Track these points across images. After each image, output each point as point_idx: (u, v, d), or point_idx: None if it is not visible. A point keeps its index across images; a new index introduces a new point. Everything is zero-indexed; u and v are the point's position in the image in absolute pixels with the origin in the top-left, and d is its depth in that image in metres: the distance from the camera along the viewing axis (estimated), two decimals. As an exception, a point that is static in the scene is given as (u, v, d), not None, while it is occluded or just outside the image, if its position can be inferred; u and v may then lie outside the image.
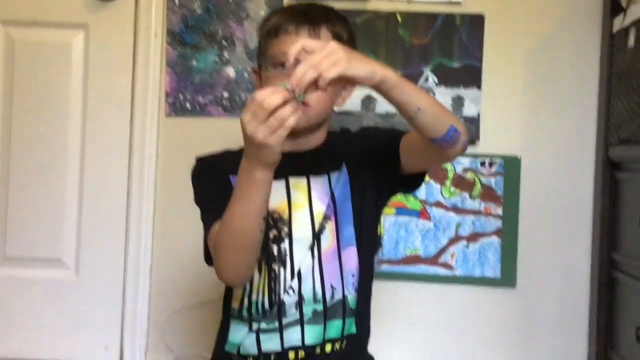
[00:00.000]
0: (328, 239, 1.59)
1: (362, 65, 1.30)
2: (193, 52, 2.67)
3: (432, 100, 1.43)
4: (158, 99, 2.69)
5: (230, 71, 2.66)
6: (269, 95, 1.28)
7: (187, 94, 2.67)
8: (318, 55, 1.28)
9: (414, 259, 2.59)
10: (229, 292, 1.67)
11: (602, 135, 2.50)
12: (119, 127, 2.70)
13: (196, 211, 2.64)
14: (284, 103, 1.28)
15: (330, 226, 1.59)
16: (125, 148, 2.70)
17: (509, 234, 2.57)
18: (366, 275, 1.64)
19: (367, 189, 1.63)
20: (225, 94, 2.66)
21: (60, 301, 2.71)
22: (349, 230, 1.61)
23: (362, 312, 1.64)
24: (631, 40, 2.28)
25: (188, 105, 2.68)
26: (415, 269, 2.60)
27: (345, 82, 1.36)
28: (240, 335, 1.61)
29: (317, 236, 1.58)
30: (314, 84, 1.29)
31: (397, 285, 2.61)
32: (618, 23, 2.38)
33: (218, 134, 2.63)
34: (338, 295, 1.58)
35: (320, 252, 1.58)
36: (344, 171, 1.62)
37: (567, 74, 2.60)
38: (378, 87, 1.34)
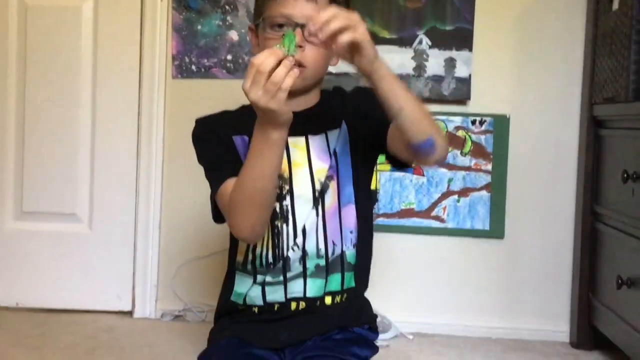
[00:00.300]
0: (331, 198, 1.61)
1: (372, 45, 1.33)
2: (197, 16, 2.71)
3: (419, 106, 1.43)
4: (165, 62, 2.74)
5: (233, 35, 2.71)
6: (264, 59, 1.28)
7: (193, 57, 2.72)
8: (343, 14, 1.31)
9: (409, 213, 2.67)
10: (233, 246, 1.69)
11: (587, 94, 2.54)
12: (127, 89, 2.75)
13: (202, 169, 2.73)
14: (279, 64, 1.28)
15: (333, 185, 1.61)
16: (134, 109, 2.74)
17: (497, 189, 2.64)
18: (364, 232, 1.67)
19: (362, 147, 1.65)
20: (229, 57, 2.71)
21: (75, 253, 2.78)
22: (349, 189, 1.63)
23: (361, 267, 1.66)
24: (615, 3, 2.32)
25: (193, 68, 2.73)
26: (410, 222, 2.67)
27: (347, 52, 1.34)
28: (245, 287, 1.64)
29: (321, 194, 1.60)
30: (322, 43, 1.31)
31: (393, 237, 2.67)
32: None
33: (222, 95, 2.67)
34: (337, 251, 1.61)
35: (324, 210, 1.60)
36: (344, 129, 1.64)
37: (554, 36, 2.64)
38: (371, 74, 1.36)
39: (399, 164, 1.63)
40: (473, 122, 2.65)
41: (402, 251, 2.70)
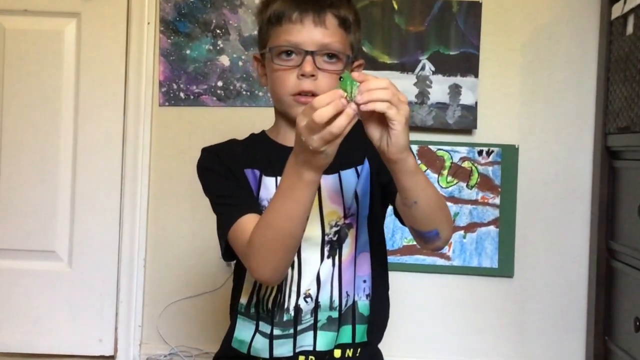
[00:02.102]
0: (348, 247, 1.57)
1: (407, 133, 1.27)
2: (187, 40, 2.69)
3: (434, 199, 1.40)
4: (152, 89, 2.72)
5: (224, 60, 2.69)
6: (323, 108, 1.22)
7: (181, 83, 2.69)
8: (393, 89, 1.24)
9: (411, 249, 2.63)
10: (237, 286, 1.64)
11: (600, 124, 2.52)
12: (112, 118, 2.72)
13: (191, 203, 2.71)
14: (338, 114, 1.22)
15: (352, 234, 1.57)
16: (118, 138, 2.72)
17: (506, 224, 2.61)
18: (379, 281, 1.62)
19: (380, 190, 1.59)
20: (220, 83, 2.69)
21: (54, 293, 2.74)
22: (365, 236, 1.60)
23: (376, 321, 1.62)
24: (630, 27, 2.31)
25: (182, 95, 2.70)
26: (413, 259, 2.64)
27: (375, 127, 1.28)
28: (246, 333, 1.60)
29: (339, 244, 1.56)
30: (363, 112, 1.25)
31: (394, 276, 2.50)
32: (617, 10, 2.40)
33: (212, 123, 2.68)
34: (350, 302, 1.57)
35: (341, 260, 1.56)
36: (366, 167, 1.60)
37: (565, 61, 2.63)
38: (395, 163, 1.30)
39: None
40: (480, 153, 2.62)
41: (405, 290, 2.66)
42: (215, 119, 2.68)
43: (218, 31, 2.68)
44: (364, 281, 1.59)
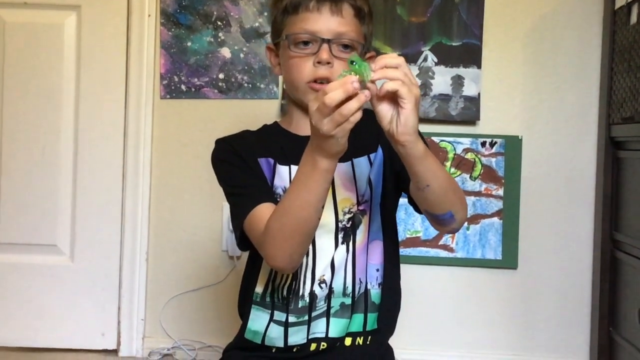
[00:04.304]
0: (362, 233, 1.59)
1: (416, 116, 1.29)
2: (187, 32, 2.69)
3: (446, 182, 1.42)
4: (153, 81, 2.72)
5: (225, 52, 2.69)
6: (333, 91, 1.24)
7: (182, 76, 2.70)
8: (406, 68, 1.27)
9: (415, 242, 2.64)
10: (252, 276, 1.65)
11: (604, 114, 2.53)
12: (113, 110, 2.73)
13: (193, 195, 2.73)
14: (348, 98, 1.25)
15: (365, 220, 1.59)
16: (119, 131, 2.73)
17: (510, 215, 2.62)
18: (391, 271, 1.64)
19: (394, 178, 1.62)
20: (221, 76, 2.69)
21: (56, 287, 2.75)
22: (377, 223, 1.62)
23: (386, 309, 1.63)
24: (634, 17, 2.31)
25: (183, 87, 2.71)
26: (416, 252, 2.65)
27: (385, 106, 1.30)
28: (260, 324, 1.62)
29: (353, 230, 1.58)
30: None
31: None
32: (620, 0, 2.41)
33: (214, 116, 2.69)
34: (362, 289, 1.59)
35: (355, 246, 1.58)
36: (380, 155, 1.62)
37: (568, 51, 2.63)
38: (405, 147, 1.31)
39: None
40: (483, 144, 2.63)
41: (408, 283, 2.57)
42: (216, 111, 2.69)
43: (219, 23, 2.69)
44: (377, 270, 1.61)
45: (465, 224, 2.61)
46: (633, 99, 2.27)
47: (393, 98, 1.28)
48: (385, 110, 1.30)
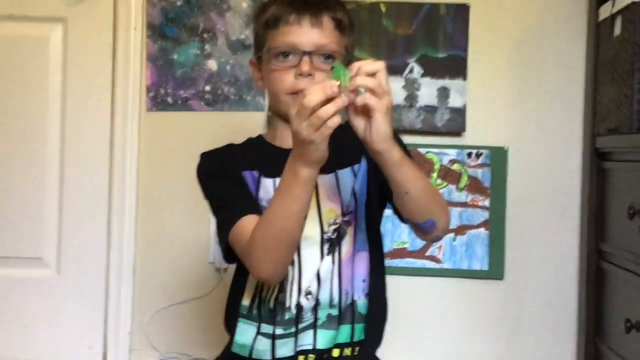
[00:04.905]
0: (347, 244, 1.60)
1: (388, 124, 1.31)
2: (174, 45, 2.70)
3: (426, 188, 1.44)
4: (139, 94, 2.72)
5: (212, 64, 2.70)
6: (312, 93, 1.27)
7: (169, 88, 2.70)
8: (382, 79, 1.29)
9: (401, 253, 2.65)
10: (239, 289, 1.66)
11: (589, 125, 2.54)
12: (99, 123, 2.72)
13: (180, 208, 2.73)
14: (328, 101, 1.27)
15: (350, 231, 1.60)
16: (106, 144, 2.72)
17: (496, 226, 2.62)
18: (377, 281, 1.65)
19: (377, 189, 1.63)
20: (207, 88, 2.70)
21: (42, 300, 2.73)
22: (363, 235, 1.63)
23: (373, 319, 1.64)
24: (617, 29, 2.31)
25: (169, 100, 2.71)
26: (403, 263, 2.65)
27: (358, 115, 1.33)
28: (247, 337, 1.62)
29: (338, 241, 1.59)
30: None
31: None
32: (604, 11, 2.42)
33: (201, 128, 2.69)
34: (349, 300, 1.60)
35: (341, 257, 1.59)
36: (364, 166, 1.64)
37: (553, 63, 2.64)
38: (380, 154, 1.34)
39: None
40: (469, 155, 2.64)
41: (395, 294, 2.55)
42: (203, 123, 2.70)
43: (205, 35, 2.69)
44: (363, 280, 1.62)
45: (452, 234, 2.63)
46: (617, 111, 2.28)
47: (364, 108, 1.30)
48: (357, 121, 1.32)
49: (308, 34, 1.54)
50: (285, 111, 1.55)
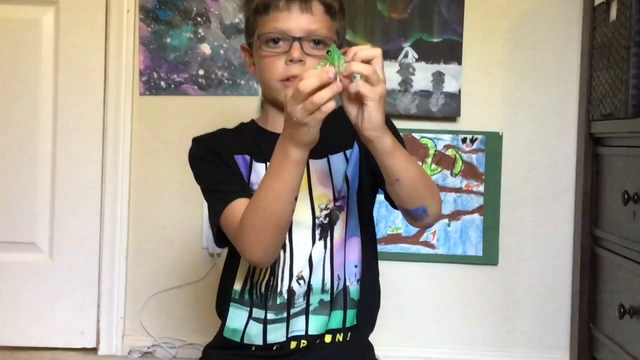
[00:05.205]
0: (339, 229, 1.60)
1: (381, 112, 1.31)
2: (167, 28, 2.69)
3: (418, 175, 1.44)
4: (132, 78, 2.71)
5: (205, 48, 2.69)
6: (308, 79, 1.27)
7: (162, 72, 2.70)
8: (377, 67, 1.29)
9: (396, 238, 2.65)
10: (231, 274, 1.66)
11: (584, 110, 2.54)
12: (91, 107, 2.72)
13: (173, 193, 2.73)
14: (322, 86, 1.26)
15: (342, 216, 1.60)
16: (98, 128, 2.72)
17: (490, 212, 2.63)
18: (369, 266, 1.65)
19: (369, 174, 1.63)
20: (201, 72, 2.69)
21: (35, 285, 2.74)
22: (355, 220, 1.63)
23: (365, 305, 1.64)
24: (613, 14, 2.32)
25: (162, 84, 2.70)
26: (397, 248, 2.65)
27: (351, 102, 1.32)
28: (239, 322, 1.63)
29: (330, 226, 1.60)
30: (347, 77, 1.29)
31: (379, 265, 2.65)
32: None
33: (194, 112, 2.69)
34: (341, 286, 1.60)
35: (332, 242, 1.59)
36: (356, 151, 1.64)
37: (548, 48, 2.64)
38: (371, 142, 1.34)
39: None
40: (463, 141, 2.64)
41: (389, 280, 2.61)
42: (196, 107, 2.69)
43: (199, 19, 2.68)
44: (355, 266, 1.62)
45: (446, 220, 2.63)
46: (613, 96, 2.29)
47: (357, 95, 1.30)
48: (350, 107, 1.32)
49: (298, 19, 1.54)
50: (277, 97, 1.56)
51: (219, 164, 1.60)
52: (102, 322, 2.75)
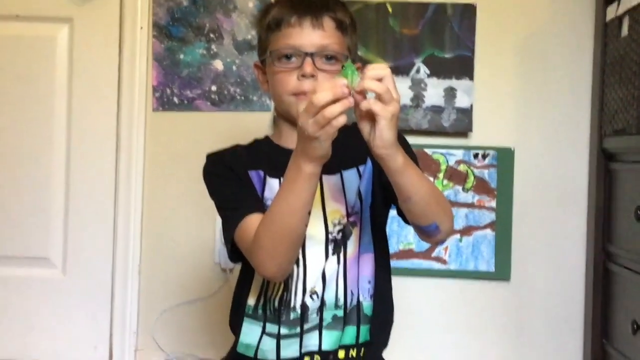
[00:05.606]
0: (353, 245, 1.61)
1: (393, 130, 1.32)
2: (180, 45, 2.70)
3: (429, 193, 1.45)
4: (145, 94, 2.73)
5: (218, 64, 2.70)
6: (321, 92, 1.29)
7: (175, 88, 2.71)
8: (389, 85, 1.30)
9: (408, 254, 2.65)
10: (245, 288, 1.67)
11: (596, 126, 2.54)
12: (105, 123, 2.73)
13: (185, 208, 2.74)
14: (336, 100, 1.28)
15: (356, 232, 1.62)
16: (112, 144, 2.73)
17: (502, 227, 2.62)
18: (383, 282, 1.66)
19: (382, 190, 1.64)
20: (214, 88, 2.70)
21: (48, 300, 2.74)
22: (368, 236, 1.64)
23: (379, 321, 1.65)
24: (625, 29, 2.32)
25: (175, 100, 2.72)
26: (409, 264, 2.64)
27: (364, 119, 1.34)
28: (252, 337, 1.63)
29: (344, 241, 1.60)
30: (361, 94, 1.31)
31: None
32: (611, 12, 2.42)
33: (207, 128, 2.69)
34: (354, 302, 1.61)
35: (346, 258, 1.60)
36: (369, 166, 1.64)
37: (560, 63, 2.64)
38: (383, 159, 1.36)
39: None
40: (475, 156, 2.63)
41: (401, 295, 2.56)
42: (209, 123, 2.70)
43: (212, 35, 2.70)
44: (369, 282, 1.63)
45: (458, 235, 2.62)
46: (625, 111, 2.29)
47: (369, 113, 1.31)
48: (363, 124, 1.34)
49: (309, 35, 1.56)
50: (289, 112, 1.58)
51: (233, 180, 1.61)
52: (114, 337, 2.75)
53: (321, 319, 1.59)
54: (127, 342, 2.75)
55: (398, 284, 2.63)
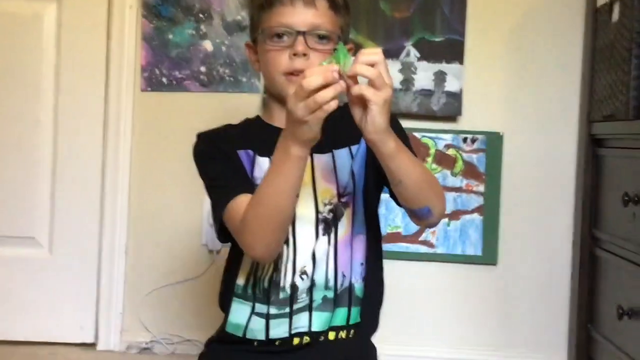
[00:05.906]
0: (345, 226, 1.60)
1: (384, 115, 1.32)
2: (169, 25, 2.69)
3: (422, 177, 1.45)
4: (133, 74, 2.71)
5: (207, 45, 2.69)
6: (311, 76, 1.28)
7: (163, 69, 2.70)
8: (382, 70, 1.30)
9: (395, 237, 2.65)
10: (234, 268, 1.67)
11: (585, 112, 2.55)
12: (93, 103, 2.71)
13: (173, 189, 2.73)
14: (327, 85, 1.27)
15: (348, 213, 1.60)
16: (99, 124, 2.72)
17: (490, 211, 2.63)
18: (374, 265, 1.66)
19: (375, 172, 1.61)
20: (203, 69, 2.69)
21: (34, 280, 2.73)
22: (361, 217, 1.63)
23: (369, 303, 1.64)
24: (615, 15, 2.32)
25: (164, 80, 2.70)
26: (396, 247, 2.65)
27: (356, 103, 1.33)
28: (241, 316, 1.63)
29: (334, 222, 1.60)
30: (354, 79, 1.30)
31: None
32: None
33: (195, 109, 2.69)
34: (346, 283, 1.60)
35: (337, 239, 1.59)
36: (363, 147, 1.63)
37: (550, 49, 2.64)
38: (374, 144, 1.36)
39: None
40: (464, 140, 2.64)
41: (388, 278, 2.58)
42: (198, 104, 2.69)
43: (201, 16, 2.68)
44: (361, 264, 1.62)
45: (446, 219, 2.63)
46: (614, 97, 2.29)
47: (361, 98, 1.30)
48: (355, 108, 1.34)
49: (302, 13, 1.54)
50: (280, 91, 1.57)
51: (223, 160, 1.61)
52: (100, 318, 2.74)
53: (311, 300, 1.59)
54: (113, 322, 2.74)
55: (386, 267, 2.65)
